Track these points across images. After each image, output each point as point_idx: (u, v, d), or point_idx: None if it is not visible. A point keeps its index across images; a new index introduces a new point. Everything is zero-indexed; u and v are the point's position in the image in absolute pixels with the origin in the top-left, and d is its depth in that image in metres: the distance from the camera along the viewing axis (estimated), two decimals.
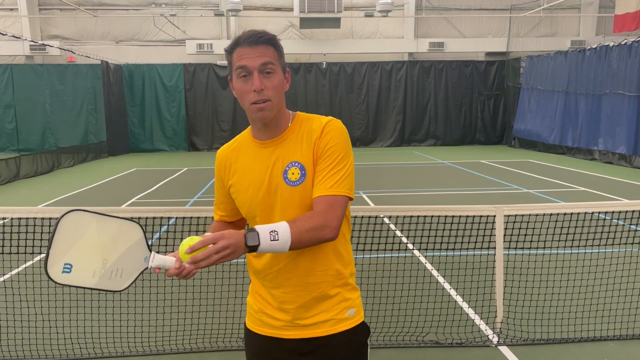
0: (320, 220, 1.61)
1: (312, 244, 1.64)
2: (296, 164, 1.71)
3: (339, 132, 1.73)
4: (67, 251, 1.54)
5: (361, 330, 1.83)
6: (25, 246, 3.92)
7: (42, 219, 3.95)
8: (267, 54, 1.67)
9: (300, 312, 1.76)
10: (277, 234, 1.54)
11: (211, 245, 1.46)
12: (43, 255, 4.91)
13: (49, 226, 3.89)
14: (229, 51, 1.71)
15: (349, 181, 1.70)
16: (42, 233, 3.90)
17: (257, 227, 1.54)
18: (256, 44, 1.66)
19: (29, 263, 5.53)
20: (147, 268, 1.62)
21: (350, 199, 1.71)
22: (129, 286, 1.63)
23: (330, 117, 1.78)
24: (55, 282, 1.54)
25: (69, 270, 1.54)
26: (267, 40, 1.68)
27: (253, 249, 1.51)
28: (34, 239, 3.90)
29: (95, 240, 1.57)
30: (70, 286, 1.56)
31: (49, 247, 1.52)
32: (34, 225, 3.93)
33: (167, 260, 1.61)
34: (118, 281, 1.60)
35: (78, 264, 1.55)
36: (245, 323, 1.93)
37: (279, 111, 1.74)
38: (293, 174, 1.71)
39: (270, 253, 1.67)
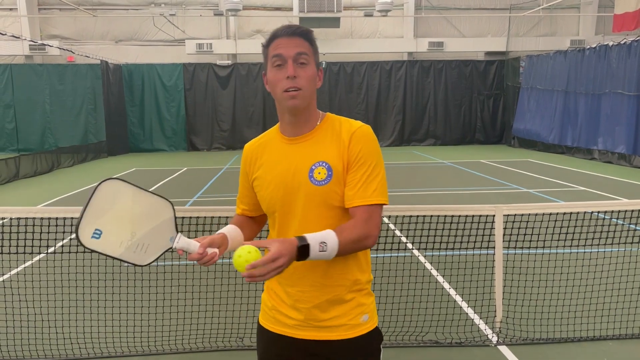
0: (364, 230, 1.65)
1: (354, 252, 1.69)
2: (323, 164, 1.72)
3: (371, 139, 1.75)
4: (99, 217, 1.56)
5: (374, 336, 1.82)
6: (25, 246, 3.92)
7: (42, 218, 3.96)
8: (303, 46, 1.70)
9: (314, 313, 1.75)
10: (326, 245, 1.57)
11: (270, 263, 1.48)
12: (42, 256, 4.91)
13: (48, 226, 3.90)
14: (266, 45, 1.75)
15: (384, 188, 1.73)
16: (41, 233, 3.90)
17: (308, 239, 1.56)
18: (293, 35, 1.70)
19: (28, 263, 5.53)
20: (171, 248, 1.64)
21: (386, 204, 1.75)
22: (151, 263, 1.64)
23: (360, 123, 1.78)
24: (84, 246, 1.55)
25: (97, 236, 1.56)
26: (304, 33, 1.72)
27: (302, 259, 1.55)
28: (33, 239, 3.90)
29: (127, 212, 1.60)
30: (96, 252, 1.56)
31: (83, 210, 1.55)
32: (33, 225, 3.93)
33: (192, 244, 1.63)
34: (142, 256, 1.62)
35: (108, 231, 1.57)
36: (258, 319, 1.93)
37: (309, 105, 1.75)
38: (319, 173, 1.71)
39: None
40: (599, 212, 4.11)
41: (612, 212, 4.06)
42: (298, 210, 1.73)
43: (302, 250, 1.53)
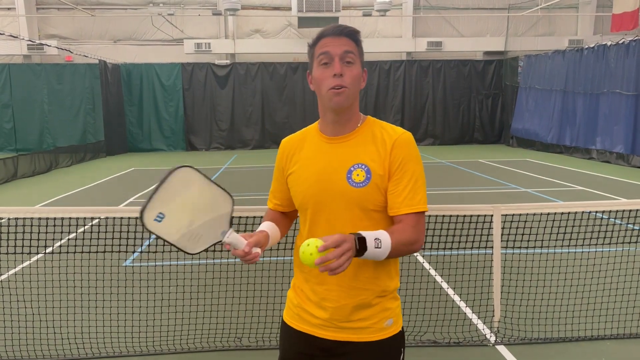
0: (414, 235, 1.68)
1: (401, 255, 1.70)
2: (362, 167, 1.72)
3: (414, 147, 1.77)
4: (166, 203, 1.62)
5: (397, 340, 1.83)
6: (22, 246, 3.91)
7: (39, 219, 3.95)
8: (350, 45, 1.73)
9: (339, 313, 1.76)
10: (381, 242, 1.57)
11: (337, 249, 1.46)
12: (40, 256, 4.90)
13: (46, 226, 3.90)
14: (313, 44, 1.76)
15: (426, 196, 1.77)
16: (39, 233, 3.90)
17: (363, 233, 1.56)
18: (340, 34, 1.72)
19: (26, 263, 5.52)
20: (220, 241, 1.68)
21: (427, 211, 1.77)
22: (199, 252, 1.69)
23: (402, 129, 1.80)
24: (145, 227, 1.60)
25: (159, 220, 1.62)
26: (351, 33, 1.74)
27: (360, 254, 1.54)
28: (31, 239, 3.89)
29: (191, 201, 1.65)
30: (154, 234, 1.62)
31: (153, 192, 1.60)
32: (31, 226, 3.93)
33: (240, 241, 1.67)
34: (194, 244, 1.67)
35: (170, 217, 1.62)
36: (282, 316, 1.94)
37: (352, 105, 1.76)
38: (358, 175, 1.72)
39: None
40: (597, 211, 4.11)
41: (610, 211, 4.07)
42: (331, 209, 1.74)
43: (362, 243, 1.53)
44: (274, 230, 1.86)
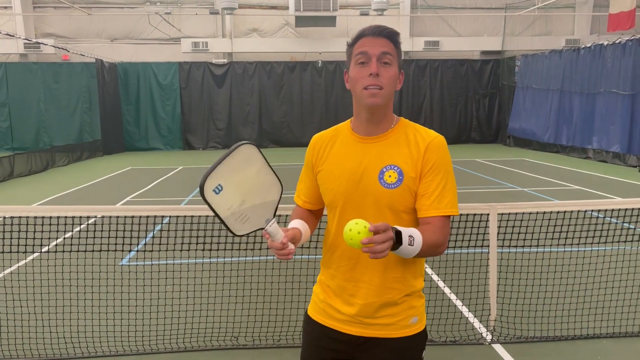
0: (441, 238, 1.69)
1: (426, 256, 1.71)
2: (395, 168, 1.73)
3: (446, 150, 1.78)
4: (227, 175, 1.63)
5: (421, 338, 1.85)
6: (18, 245, 3.90)
7: (35, 217, 3.95)
8: (388, 46, 1.72)
9: (365, 310, 1.78)
10: (414, 240, 1.58)
11: (382, 234, 1.46)
12: (36, 255, 4.88)
13: (42, 225, 3.89)
14: (352, 44, 1.77)
15: (456, 200, 1.78)
16: (35, 232, 3.89)
17: (399, 228, 1.56)
18: (379, 35, 1.72)
19: (22, 262, 5.50)
20: (262, 228, 1.68)
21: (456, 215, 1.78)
22: (243, 235, 1.69)
23: (435, 133, 1.81)
24: (203, 195, 1.59)
25: (217, 191, 1.62)
26: (390, 35, 1.74)
27: (395, 248, 1.55)
28: (27, 238, 3.88)
29: (249, 180, 1.66)
30: (209, 205, 1.61)
31: (216, 163, 1.61)
32: (27, 225, 3.92)
33: (279, 233, 1.68)
34: (240, 226, 1.67)
35: (226, 191, 1.63)
36: (307, 310, 1.96)
37: (386, 106, 1.77)
38: (390, 176, 1.73)
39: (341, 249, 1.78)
40: (592, 210, 4.12)
41: (606, 210, 4.08)
42: (361, 209, 1.75)
43: (398, 237, 1.54)
44: (305, 229, 1.86)
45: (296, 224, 1.85)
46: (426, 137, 1.77)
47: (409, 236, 1.57)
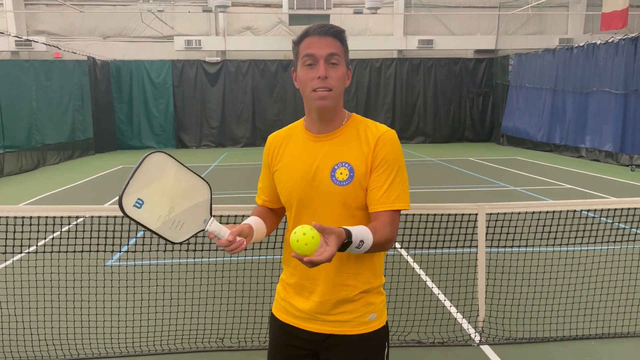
0: (389, 234, 1.68)
1: (374, 252, 1.71)
2: (345, 165, 1.73)
3: (397, 145, 1.77)
4: (143, 188, 1.60)
5: (380, 335, 1.84)
6: (5, 245, 3.83)
7: (23, 217, 3.87)
8: (335, 46, 1.71)
9: (323, 307, 1.78)
10: (363, 244, 1.58)
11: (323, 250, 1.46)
12: (23, 255, 4.80)
13: (30, 225, 3.82)
14: (297, 42, 1.75)
15: (407, 194, 1.77)
16: (22, 232, 3.82)
17: (353, 235, 1.54)
18: (325, 34, 1.70)
19: (8, 262, 5.43)
20: (203, 230, 1.68)
21: (407, 209, 1.78)
22: (183, 242, 1.67)
23: (386, 127, 1.80)
24: (125, 213, 1.57)
25: (139, 206, 1.59)
26: (336, 33, 1.72)
27: (342, 249, 1.55)
28: (14, 238, 3.82)
29: (169, 187, 1.64)
30: (134, 221, 1.58)
31: (129, 178, 1.58)
32: (15, 225, 3.85)
33: (223, 230, 1.66)
34: (176, 233, 1.65)
35: (149, 203, 1.61)
36: (271, 309, 1.98)
37: (336, 105, 1.76)
38: (341, 173, 1.73)
39: None
40: (582, 210, 4.09)
41: (596, 210, 4.05)
42: (315, 207, 1.76)
43: (345, 246, 1.55)
44: (259, 225, 1.85)
45: (249, 220, 1.85)
46: (376, 131, 1.76)
47: (360, 241, 1.56)
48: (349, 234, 1.54)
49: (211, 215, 1.68)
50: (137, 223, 1.60)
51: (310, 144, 1.79)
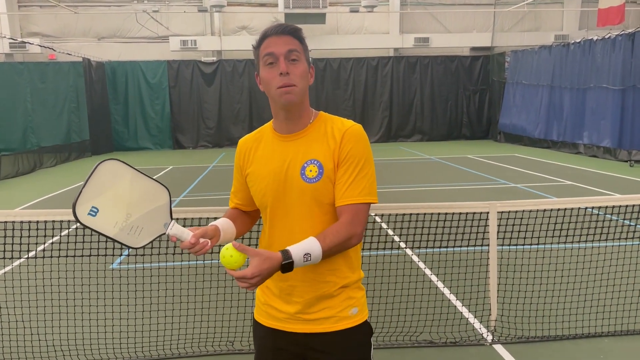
0: (348, 232, 1.68)
1: (340, 252, 1.73)
2: (315, 162, 1.75)
3: (362, 139, 1.78)
4: (97, 196, 1.62)
5: (363, 330, 1.85)
6: (4, 251, 3.76)
7: (22, 222, 3.81)
8: (293, 43, 1.74)
9: (304, 307, 1.79)
10: (310, 255, 1.61)
11: (247, 279, 1.54)
12: (22, 261, 4.73)
13: (29, 230, 3.76)
14: (257, 45, 1.78)
15: (373, 187, 1.77)
16: (21, 237, 3.75)
17: (293, 254, 1.59)
18: (282, 33, 1.73)
19: (7, 268, 5.35)
20: (164, 234, 1.68)
21: (375, 203, 1.79)
22: (144, 246, 1.68)
23: (352, 122, 1.82)
24: (79, 222, 1.60)
25: (94, 214, 1.61)
26: (292, 31, 1.75)
27: (286, 272, 1.61)
28: (13, 243, 3.74)
29: (125, 194, 1.64)
30: (90, 229, 1.60)
31: (82, 187, 1.60)
32: (13, 230, 3.78)
33: (185, 233, 1.67)
34: (135, 238, 1.66)
35: (104, 210, 1.62)
36: (253, 314, 1.98)
37: (302, 102, 1.78)
38: (311, 171, 1.74)
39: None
40: (591, 207, 4.07)
41: (606, 207, 4.02)
42: (289, 207, 1.77)
43: (286, 268, 1.59)
44: (227, 227, 1.86)
45: (217, 222, 1.86)
46: (341, 127, 1.78)
47: (304, 255, 1.60)
48: (287, 254, 1.57)
49: (172, 219, 1.69)
50: (93, 231, 1.61)
51: (280, 144, 1.81)
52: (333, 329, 1.78)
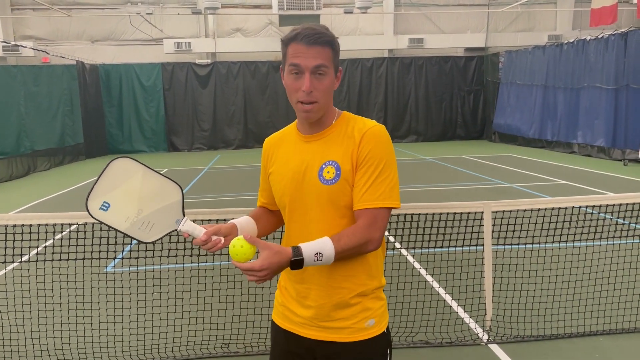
0: (364, 236, 1.63)
1: (354, 257, 1.69)
2: (332, 163, 1.71)
3: (383, 140, 1.70)
4: (109, 191, 1.67)
5: (380, 342, 1.78)
6: None
7: (15, 226, 3.79)
8: (323, 56, 1.65)
9: (320, 312, 1.75)
10: (322, 256, 1.58)
11: (254, 271, 1.53)
12: (16, 265, 4.70)
13: (22, 233, 3.73)
14: (286, 43, 1.70)
15: (394, 191, 1.70)
16: (14, 241, 3.73)
17: (304, 251, 1.57)
18: (314, 44, 1.64)
19: (1, 273, 5.32)
20: (176, 230, 1.70)
21: (396, 208, 1.72)
22: (155, 241, 1.71)
23: (374, 122, 1.75)
24: (91, 216, 1.66)
25: (105, 208, 1.67)
26: (326, 42, 1.66)
27: (296, 269, 1.60)
28: (6, 247, 3.73)
29: (136, 190, 1.69)
30: (102, 223, 1.66)
31: (94, 183, 1.67)
32: (6, 233, 3.76)
33: (197, 229, 1.68)
34: (147, 233, 1.69)
35: (115, 205, 1.67)
36: (271, 315, 1.96)
37: (323, 111, 1.74)
38: (328, 172, 1.71)
39: None
40: (585, 206, 4.08)
41: (602, 206, 4.03)
42: (306, 208, 1.74)
43: (296, 265, 1.56)
44: (247, 224, 1.84)
45: (237, 219, 1.85)
46: (362, 127, 1.72)
47: (316, 254, 1.57)
48: (297, 250, 1.55)
49: (184, 216, 1.70)
50: (106, 225, 1.66)
51: (301, 144, 1.79)
52: (348, 339, 1.74)
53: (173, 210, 1.70)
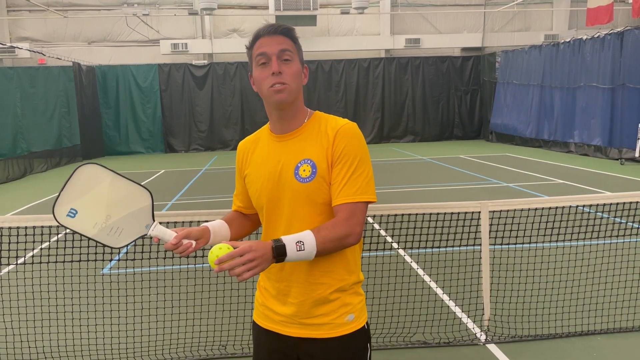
0: (344, 229, 1.65)
1: (336, 251, 1.70)
2: (308, 162, 1.73)
3: (356, 136, 1.74)
4: (76, 198, 1.67)
5: (360, 336, 1.81)
6: None
7: (10, 228, 3.77)
8: (286, 43, 1.73)
9: (300, 310, 1.77)
10: (303, 244, 1.58)
11: (238, 257, 1.49)
12: (12, 267, 4.69)
13: (17, 236, 3.72)
14: (250, 46, 1.77)
15: (370, 186, 1.73)
16: (9, 243, 3.71)
17: (284, 239, 1.58)
18: (275, 33, 1.73)
19: None
20: (146, 235, 1.70)
21: (373, 202, 1.75)
22: (125, 246, 1.72)
23: (346, 120, 1.78)
24: (58, 223, 1.66)
25: (73, 215, 1.67)
26: (285, 31, 1.74)
27: (280, 260, 1.57)
28: (1, 250, 3.71)
29: (104, 196, 1.69)
30: (70, 230, 1.66)
31: (61, 190, 1.67)
32: (1, 236, 3.74)
33: (167, 233, 1.68)
34: (116, 239, 1.69)
35: (83, 212, 1.68)
36: (252, 317, 1.96)
37: (295, 101, 1.76)
38: (304, 170, 1.72)
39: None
40: (582, 205, 4.09)
41: (599, 205, 4.03)
42: (284, 208, 1.75)
43: (279, 250, 1.55)
44: (219, 228, 1.86)
45: (210, 222, 1.86)
46: (335, 125, 1.75)
47: (297, 242, 1.57)
48: (278, 240, 1.56)
49: (154, 220, 1.71)
50: (74, 231, 1.66)
51: (275, 144, 1.80)
52: (328, 335, 1.76)
53: (143, 215, 1.70)
